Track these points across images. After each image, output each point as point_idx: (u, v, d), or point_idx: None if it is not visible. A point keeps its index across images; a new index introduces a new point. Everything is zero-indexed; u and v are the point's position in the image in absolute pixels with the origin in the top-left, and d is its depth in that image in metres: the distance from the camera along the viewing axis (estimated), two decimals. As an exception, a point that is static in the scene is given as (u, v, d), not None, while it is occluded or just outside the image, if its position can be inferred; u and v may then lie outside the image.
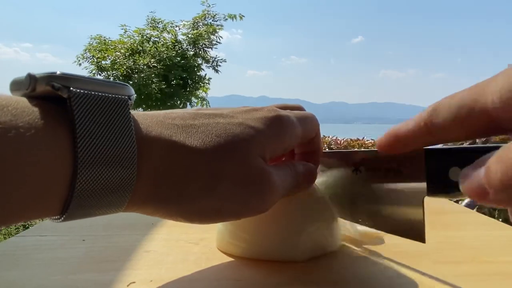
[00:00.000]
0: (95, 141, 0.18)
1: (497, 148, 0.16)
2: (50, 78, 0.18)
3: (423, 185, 0.22)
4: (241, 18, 8.11)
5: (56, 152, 0.17)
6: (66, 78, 0.18)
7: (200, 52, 8.14)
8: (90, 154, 0.18)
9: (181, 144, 0.22)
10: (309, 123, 0.29)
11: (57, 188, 0.18)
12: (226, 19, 8.15)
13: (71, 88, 0.18)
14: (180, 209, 0.22)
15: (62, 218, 0.19)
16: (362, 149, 0.27)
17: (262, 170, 0.24)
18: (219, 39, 8.34)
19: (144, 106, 7.76)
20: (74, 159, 0.18)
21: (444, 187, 0.21)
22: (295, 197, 0.30)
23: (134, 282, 0.25)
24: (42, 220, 0.37)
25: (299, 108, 0.31)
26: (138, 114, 0.22)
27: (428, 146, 0.21)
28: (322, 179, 0.32)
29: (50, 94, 0.18)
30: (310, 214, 0.30)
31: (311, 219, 0.30)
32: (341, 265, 0.29)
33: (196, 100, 8.24)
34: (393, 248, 0.33)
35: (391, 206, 0.26)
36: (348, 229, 0.34)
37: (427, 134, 0.19)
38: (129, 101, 0.20)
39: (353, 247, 0.33)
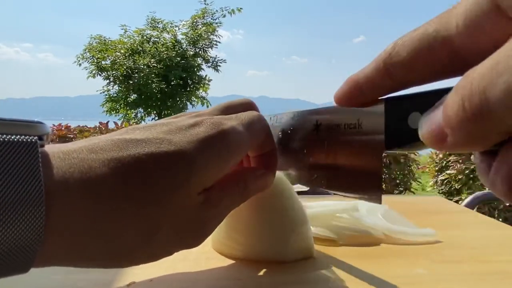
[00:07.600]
0: None
1: None
2: None
3: (382, 138, 0.19)
4: (239, 10, 8.14)
5: None
6: None
7: (200, 52, 8.16)
8: None
9: (108, 189, 0.18)
10: (257, 127, 0.25)
11: None
12: (225, 16, 8.18)
13: None
14: (113, 263, 0.21)
15: None
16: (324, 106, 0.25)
17: (201, 213, 0.22)
18: (219, 38, 8.36)
19: (144, 106, 7.78)
20: None
21: (403, 137, 0.18)
22: (287, 201, 0.30)
23: (134, 282, 0.25)
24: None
25: (246, 105, 0.28)
26: (55, 154, 0.18)
27: (388, 93, 0.19)
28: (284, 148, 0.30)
29: None
30: (299, 216, 0.30)
31: (300, 220, 0.30)
32: (338, 265, 0.29)
33: (196, 100, 8.26)
34: (392, 248, 0.33)
35: (349, 165, 0.23)
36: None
37: (387, 76, 0.17)
38: (40, 141, 0.17)
39: (347, 248, 0.33)
